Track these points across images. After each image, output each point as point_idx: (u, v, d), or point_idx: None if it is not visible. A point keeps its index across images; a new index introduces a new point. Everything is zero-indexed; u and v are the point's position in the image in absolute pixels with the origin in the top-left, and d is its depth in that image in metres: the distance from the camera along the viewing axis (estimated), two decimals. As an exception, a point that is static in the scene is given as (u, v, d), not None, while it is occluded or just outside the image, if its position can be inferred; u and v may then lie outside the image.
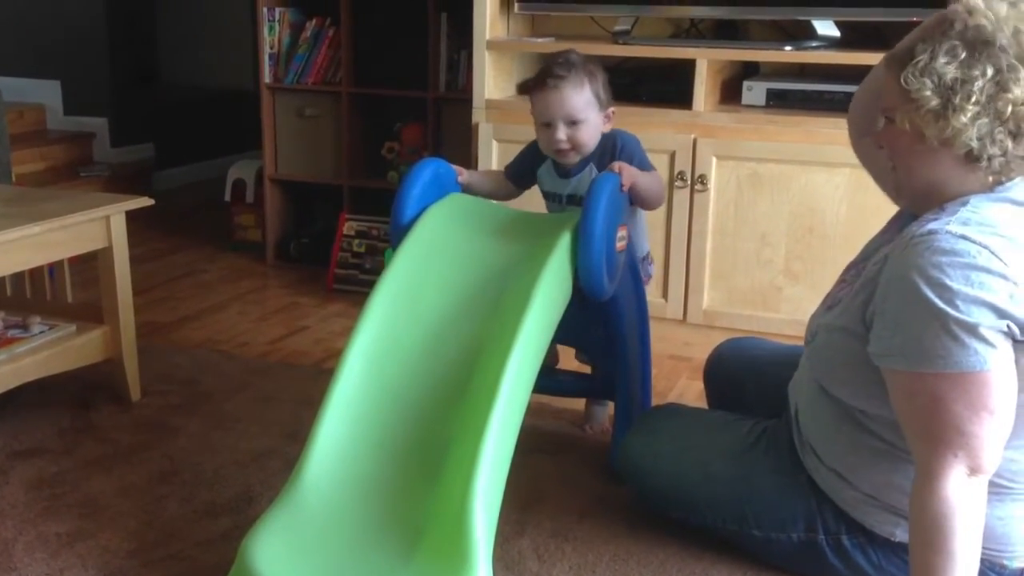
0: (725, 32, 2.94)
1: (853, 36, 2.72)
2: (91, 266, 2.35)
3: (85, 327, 2.30)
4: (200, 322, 3.02)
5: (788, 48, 2.68)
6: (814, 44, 2.69)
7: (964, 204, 1.37)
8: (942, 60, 1.33)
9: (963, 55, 1.33)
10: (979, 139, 1.34)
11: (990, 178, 1.38)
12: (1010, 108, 1.32)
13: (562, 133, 1.92)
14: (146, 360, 2.46)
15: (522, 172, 2.11)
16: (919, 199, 1.47)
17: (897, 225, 1.62)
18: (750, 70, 2.98)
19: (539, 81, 1.95)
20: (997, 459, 1.34)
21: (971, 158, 1.36)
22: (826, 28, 2.70)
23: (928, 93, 1.35)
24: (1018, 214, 1.38)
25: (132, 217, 2.30)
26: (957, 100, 1.33)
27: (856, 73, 1.60)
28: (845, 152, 2.01)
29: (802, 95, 2.72)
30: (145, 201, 2.33)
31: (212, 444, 2.17)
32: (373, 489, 1.54)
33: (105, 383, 2.40)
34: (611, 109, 1.98)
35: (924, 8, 2.45)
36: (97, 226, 2.22)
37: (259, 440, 2.19)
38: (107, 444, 2.16)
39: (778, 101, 2.74)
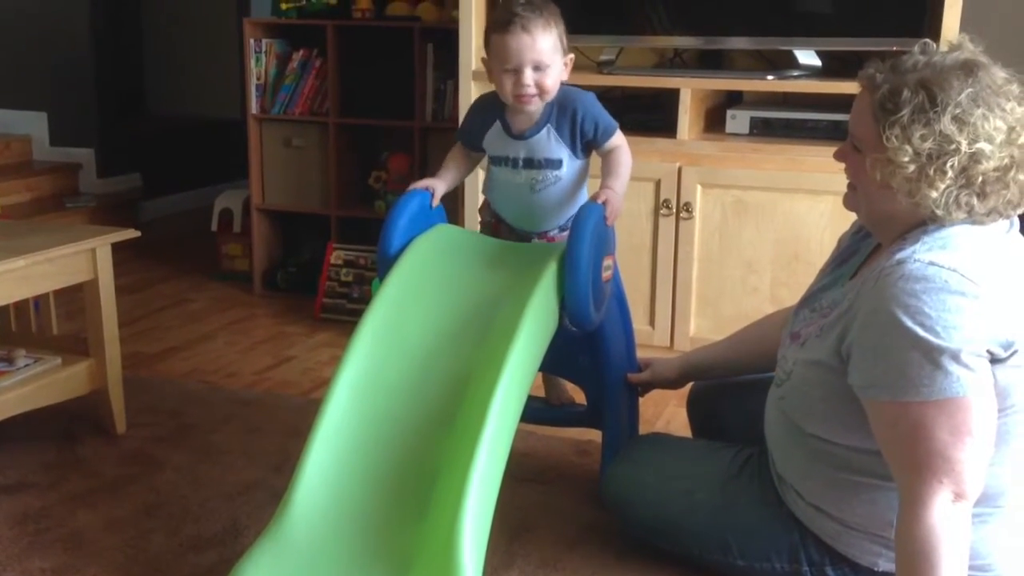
0: (708, 62, 2.97)
1: (834, 65, 2.76)
2: (77, 297, 2.34)
3: (70, 360, 2.28)
4: (186, 353, 3.01)
5: (770, 77, 2.71)
6: (796, 73, 2.72)
7: (925, 231, 1.40)
8: (920, 132, 1.35)
9: (947, 130, 1.34)
10: (945, 207, 1.38)
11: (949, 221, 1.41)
12: (980, 178, 1.36)
13: (529, 78, 1.80)
14: (132, 392, 2.45)
15: (473, 136, 1.97)
16: (875, 223, 1.52)
17: (841, 257, 1.65)
18: (733, 99, 3.01)
19: (504, 23, 1.80)
20: (980, 484, 1.35)
21: (935, 217, 1.40)
22: (808, 57, 2.73)
23: (906, 159, 1.36)
24: (977, 229, 1.41)
25: (118, 247, 2.30)
26: (931, 171, 1.35)
27: (837, 101, 1.63)
28: (829, 179, 2.03)
29: (785, 123, 2.75)
30: (131, 233, 2.33)
31: (198, 477, 2.16)
32: (361, 521, 1.53)
33: (90, 415, 2.39)
34: (570, 56, 1.88)
35: (905, 37, 2.49)
36: (82, 259, 2.22)
37: (245, 472, 2.18)
38: (92, 478, 2.14)
39: (761, 129, 2.77)
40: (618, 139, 1.91)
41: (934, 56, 1.41)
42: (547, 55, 1.81)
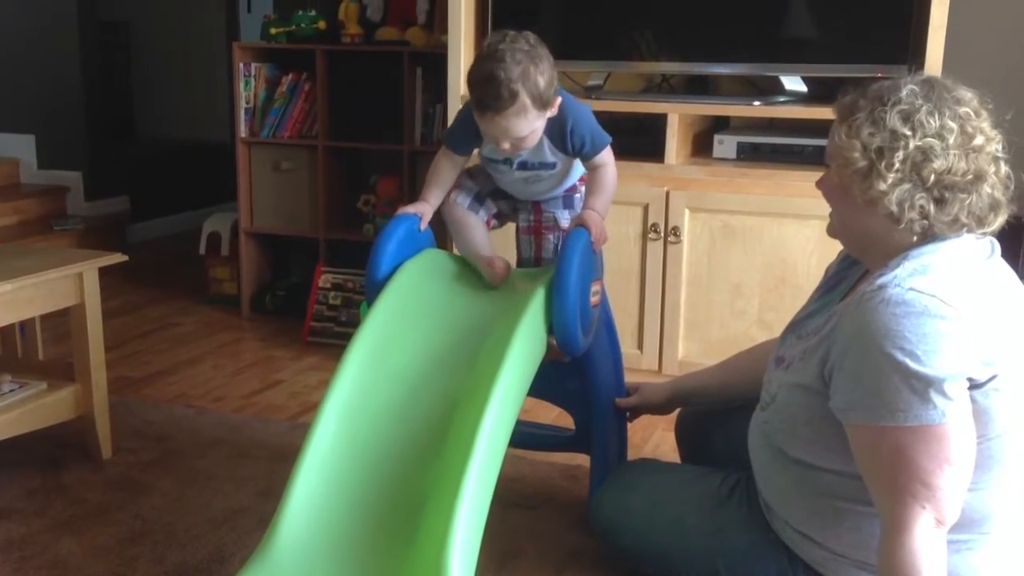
0: (695, 87, 2.99)
1: (820, 90, 2.78)
2: (64, 320, 2.33)
3: (56, 385, 2.27)
4: (174, 376, 2.99)
5: (757, 103, 2.73)
6: (782, 99, 2.74)
7: (906, 257, 1.41)
8: (868, 130, 1.40)
9: (893, 125, 1.38)
10: (898, 203, 1.40)
11: (915, 238, 1.43)
12: (933, 176, 1.38)
13: (506, 144, 1.77)
14: (118, 417, 2.43)
15: (467, 144, 1.90)
16: (855, 246, 1.53)
17: (828, 285, 1.66)
18: (720, 124, 3.03)
19: (478, 104, 1.73)
20: (958, 510, 1.35)
21: (892, 218, 1.41)
22: (793, 83, 2.75)
23: (857, 155, 1.41)
24: (958, 254, 1.42)
25: (106, 270, 2.29)
26: (882, 166, 1.39)
27: (823, 127, 1.64)
28: (815, 204, 2.03)
29: (772, 148, 2.76)
30: (118, 257, 2.32)
31: (184, 503, 2.14)
32: (348, 547, 1.52)
33: (76, 441, 2.37)
34: (557, 99, 1.79)
35: (888, 64, 2.52)
36: (69, 283, 2.21)
37: (232, 498, 2.16)
38: (77, 504, 2.13)
39: (748, 154, 2.79)
40: (605, 156, 1.89)
41: (898, 79, 1.46)
42: (524, 132, 1.75)
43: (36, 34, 4.40)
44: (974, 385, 1.35)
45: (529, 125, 1.75)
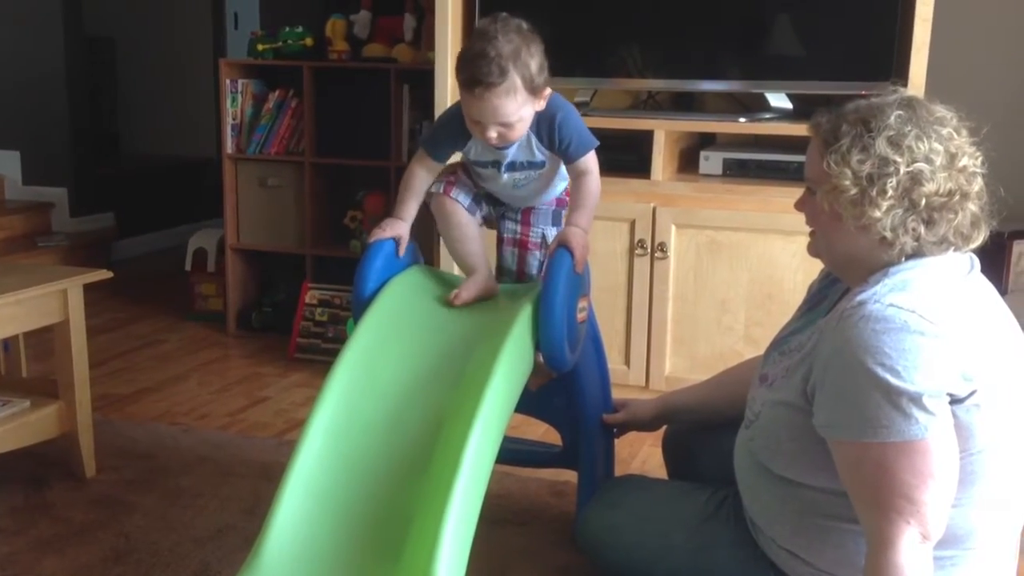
0: (682, 103, 3.01)
1: (805, 107, 2.80)
2: (48, 337, 2.31)
3: (40, 402, 2.25)
4: (159, 394, 2.98)
5: (743, 119, 2.75)
6: (767, 116, 2.76)
7: (886, 274, 1.42)
8: (857, 156, 1.40)
9: (883, 152, 1.39)
10: (892, 229, 1.41)
11: (904, 258, 1.44)
12: (924, 200, 1.39)
13: (493, 132, 1.73)
14: (102, 435, 2.42)
15: (448, 150, 1.88)
16: (838, 266, 1.54)
17: (811, 302, 1.67)
18: (706, 140, 3.05)
19: (467, 82, 1.69)
20: (944, 524, 1.35)
21: (885, 242, 1.43)
22: (779, 100, 2.77)
23: (847, 182, 1.41)
24: (938, 270, 1.43)
25: (91, 287, 2.28)
26: (874, 192, 1.39)
27: (808, 144, 1.66)
28: (801, 220, 2.05)
29: (757, 164, 2.78)
30: (103, 274, 2.31)
31: (168, 521, 2.12)
32: (334, 566, 1.51)
33: (60, 459, 2.35)
34: (547, 90, 1.76)
35: (872, 81, 2.54)
36: (53, 300, 2.20)
37: (217, 516, 2.15)
38: (60, 523, 2.11)
39: (734, 170, 2.80)
40: (590, 161, 1.87)
41: (874, 98, 1.46)
42: (512, 115, 1.72)
43: (22, 50, 4.39)
44: (955, 400, 1.36)
45: (517, 110, 1.72)
